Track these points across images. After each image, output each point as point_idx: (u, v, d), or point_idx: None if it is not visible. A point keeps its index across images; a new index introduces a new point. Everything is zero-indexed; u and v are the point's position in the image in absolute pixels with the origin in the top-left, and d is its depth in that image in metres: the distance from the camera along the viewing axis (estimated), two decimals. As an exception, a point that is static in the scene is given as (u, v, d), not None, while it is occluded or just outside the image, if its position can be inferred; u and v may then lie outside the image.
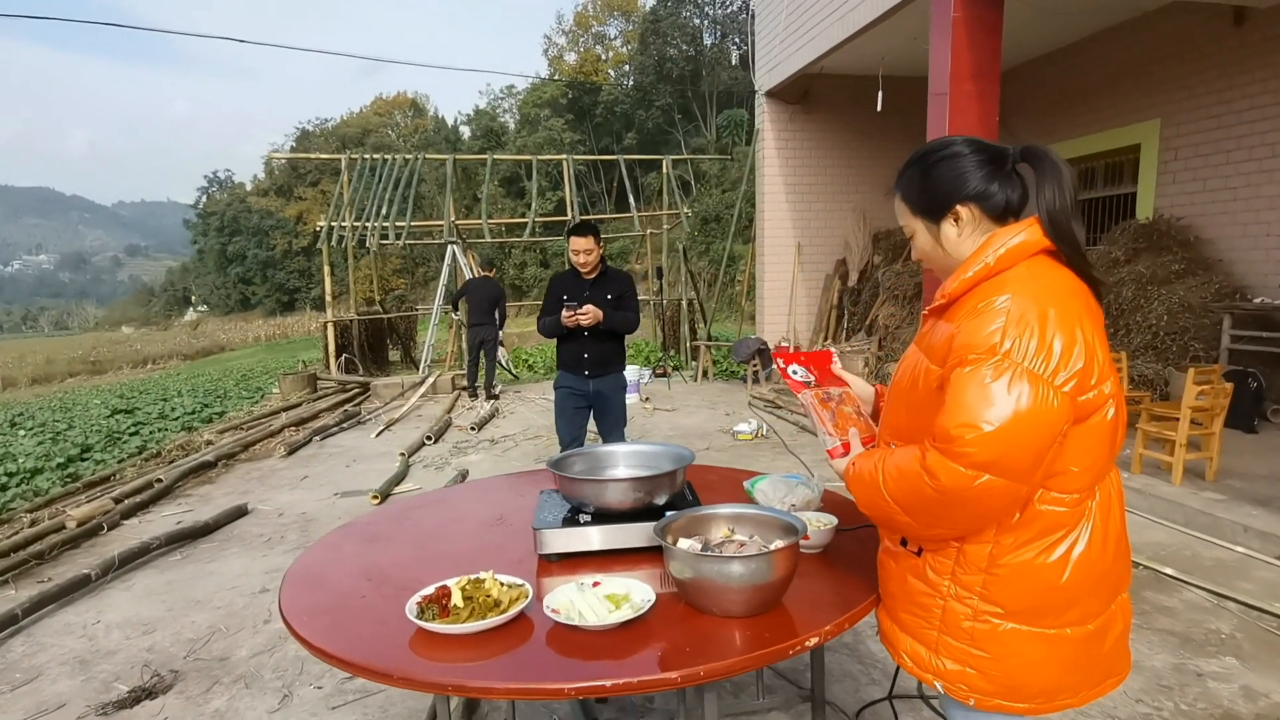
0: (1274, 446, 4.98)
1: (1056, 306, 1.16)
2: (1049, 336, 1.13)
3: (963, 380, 1.15)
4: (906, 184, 1.37)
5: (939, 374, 1.23)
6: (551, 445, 6.66)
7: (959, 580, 1.27)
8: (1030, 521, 1.22)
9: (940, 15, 5.31)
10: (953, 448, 1.13)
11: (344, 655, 1.37)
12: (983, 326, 1.16)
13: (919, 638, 1.33)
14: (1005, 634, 1.24)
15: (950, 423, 1.13)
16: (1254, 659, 2.62)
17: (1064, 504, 1.21)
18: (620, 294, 3.99)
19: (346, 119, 48.01)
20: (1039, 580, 1.22)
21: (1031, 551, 1.22)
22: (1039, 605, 1.23)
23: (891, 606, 1.41)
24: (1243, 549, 3.50)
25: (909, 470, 1.20)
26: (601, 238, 3.99)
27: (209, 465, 6.20)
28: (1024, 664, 1.24)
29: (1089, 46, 7.92)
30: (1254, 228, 6.35)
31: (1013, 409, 1.10)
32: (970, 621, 1.26)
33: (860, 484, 1.32)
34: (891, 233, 9.54)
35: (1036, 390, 1.11)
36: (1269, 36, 6.07)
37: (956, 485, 1.13)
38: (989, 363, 1.13)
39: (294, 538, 4.44)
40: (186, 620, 3.34)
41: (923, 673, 1.33)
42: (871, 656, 2.76)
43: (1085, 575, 1.23)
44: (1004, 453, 1.11)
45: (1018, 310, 1.15)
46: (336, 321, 12.01)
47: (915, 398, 1.30)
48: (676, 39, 32.78)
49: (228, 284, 51.21)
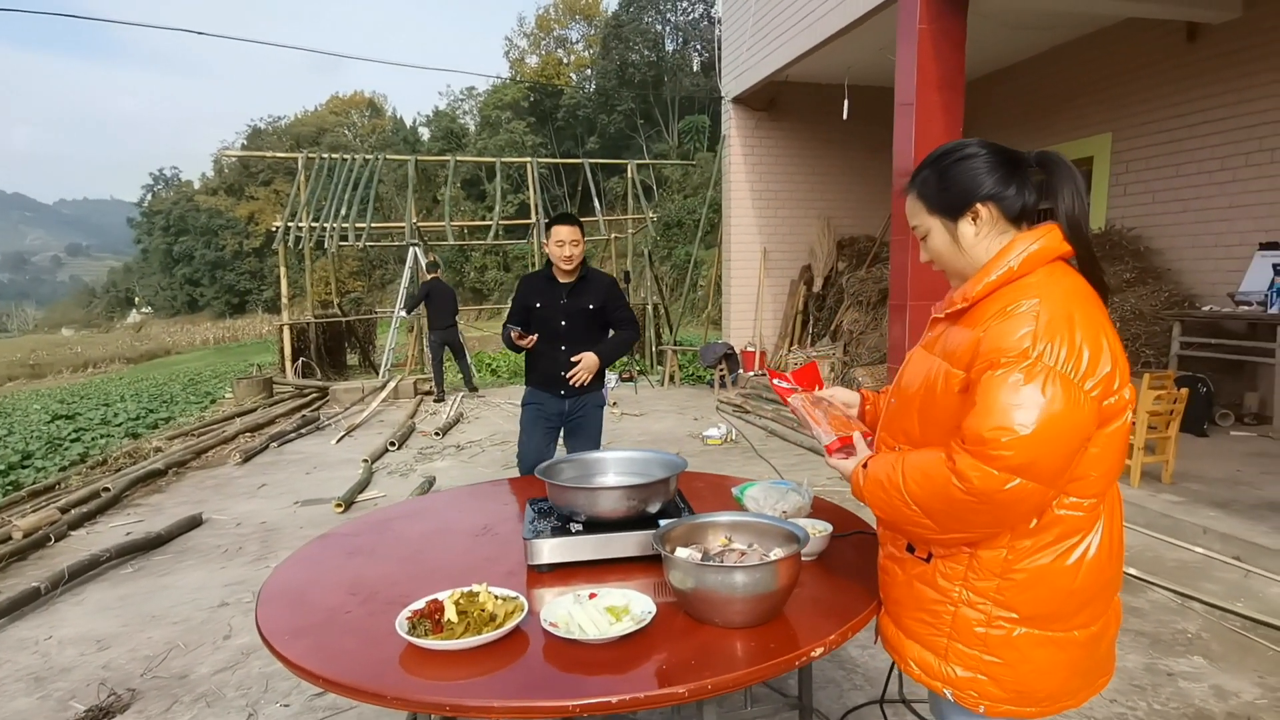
0: (1225, 450, 5.17)
1: (1081, 312, 1.17)
2: (1078, 341, 1.13)
3: (994, 383, 1.14)
4: (923, 183, 1.36)
5: (963, 378, 1.22)
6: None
7: (972, 586, 1.26)
8: (1048, 526, 1.22)
9: (907, 26, 5.41)
10: (986, 450, 1.11)
11: (332, 676, 1.30)
12: (1012, 330, 1.16)
13: (927, 645, 1.32)
14: (1019, 639, 1.24)
15: (983, 426, 1.12)
16: (1223, 659, 2.69)
17: (1081, 508, 1.22)
18: (603, 303, 3.39)
19: (301, 117, 46.99)
20: (1056, 584, 1.22)
21: (1049, 556, 1.22)
22: (1054, 610, 1.23)
23: (897, 613, 1.39)
24: (1203, 550, 3.61)
25: (934, 473, 1.19)
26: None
27: (159, 473, 5.95)
28: (1036, 669, 1.25)
29: (1047, 61, 8.16)
30: (1203, 238, 6.60)
31: (1047, 413, 1.10)
32: (983, 628, 1.25)
33: (876, 486, 1.29)
34: (855, 239, 9.67)
35: (1069, 394, 1.11)
36: (1221, 52, 6.32)
37: (988, 488, 1.12)
38: (1021, 366, 1.12)
39: (254, 549, 4.28)
40: (142, 636, 3.18)
41: (931, 680, 1.31)
42: (853, 662, 2.76)
43: (1095, 578, 1.24)
44: (1038, 456, 1.10)
45: (1047, 315, 1.15)
46: (293, 324, 11.68)
47: (931, 402, 1.28)
48: (638, 44, 32.88)
49: (174, 285, 49.57)
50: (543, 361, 3.42)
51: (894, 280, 5.52)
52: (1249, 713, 2.36)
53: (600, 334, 3.47)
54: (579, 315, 3.36)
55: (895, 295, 5.49)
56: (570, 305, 3.35)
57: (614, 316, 3.47)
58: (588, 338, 3.37)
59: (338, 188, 11.89)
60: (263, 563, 4.05)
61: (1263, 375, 5.95)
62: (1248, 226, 6.22)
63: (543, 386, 3.45)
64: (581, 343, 3.34)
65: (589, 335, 3.40)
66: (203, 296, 47.63)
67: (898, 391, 1.42)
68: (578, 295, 3.37)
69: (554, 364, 3.38)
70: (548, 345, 3.36)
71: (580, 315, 3.36)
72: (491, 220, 13.47)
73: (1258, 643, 2.79)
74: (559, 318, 3.36)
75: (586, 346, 3.33)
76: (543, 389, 3.45)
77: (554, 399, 3.42)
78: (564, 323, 3.36)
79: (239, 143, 45.13)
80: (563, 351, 3.36)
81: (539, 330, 3.36)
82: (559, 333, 3.37)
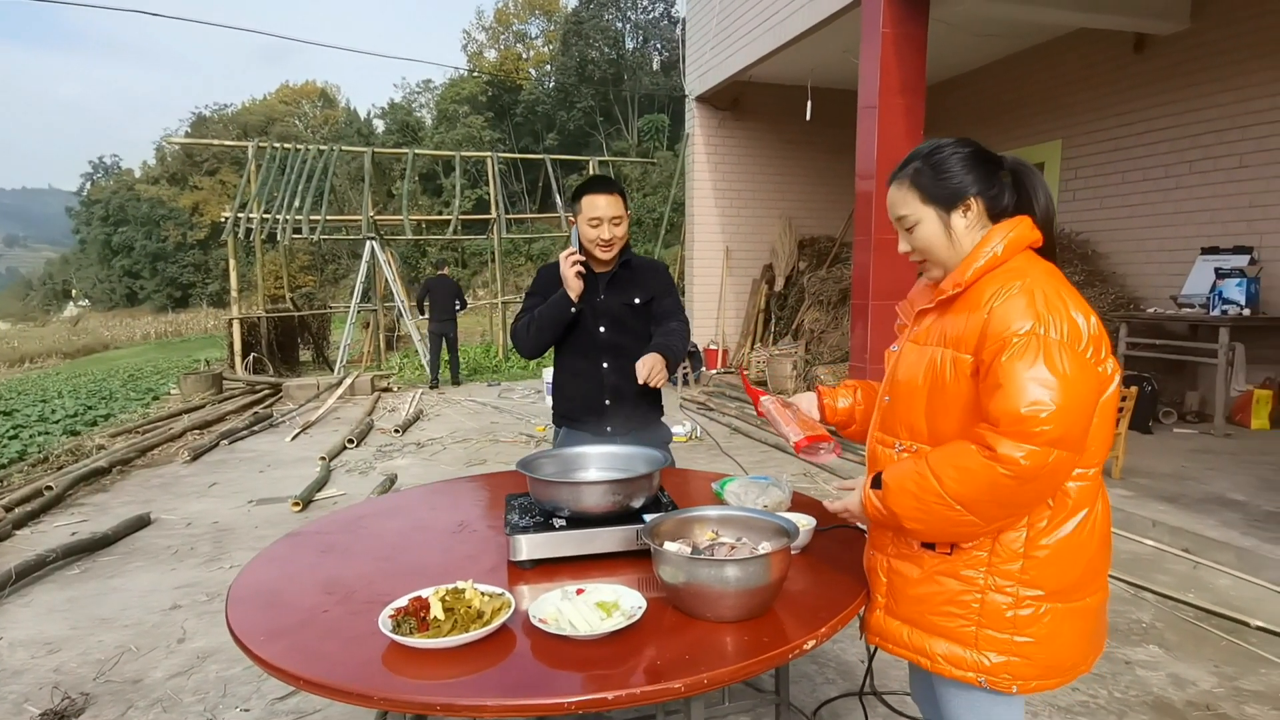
0: (1170, 446, 5.38)
1: (1067, 291, 1.25)
2: (1074, 316, 1.21)
3: (1013, 364, 1.17)
4: (917, 174, 1.39)
5: (971, 362, 1.26)
6: (482, 448, 6.48)
7: (996, 570, 1.28)
8: (1062, 499, 1.27)
9: (870, 29, 5.49)
10: (1027, 428, 1.14)
11: (314, 678, 1.25)
12: (1016, 311, 1.21)
13: (956, 638, 1.32)
14: (1046, 615, 1.28)
15: (1018, 405, 1.15)
16: (1178, 648, 2.79)
17: (1086, 479, 1.28)
18: (651, 296, 2.44)
19: (249, 106, 45.57)
20: (1077, 555, 1.28)
21: (1069, 528, 1.27)
22: (1074, 581, 1.28)
23: (918, 612, 1.37)
24: (1153, 543, 3.75)
25: (972, 465, 1.19)
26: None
27: (103, 471, 5.70)
28: (1064, 642, 1.29)
29: (1001, 69, 8.39)
30: (1148, 243, 6.87)
31: (1068, 383, 1.15)
32: (1012, 610, 1.28)
33: (906, 497, 1.27)
34: (816, 240, 9.80)
35: (1079, 363, 1.17)
36: (1167, 64, 6.58)
37: (1036, 464, 1.14)
38: (1034, 344, 1.17)
39: (207, 549, 4.13)
40: (93, 639, 3.04)
41: (963, 673, 1.32)
42: (825, 656, 2.79)
43: (1102, 545, 1.31)
44: (1071, 425, 1.15)
45: (1041, 293, 1.22)
46: (244, 318, 11.33)
47: (940, 391, 1.31)
48: (598, 41, 32.79)
49: (112, 277, 47.54)
50: (575, 384, 2.45)
51: (856, 280, 5.61)
52: (1207, 701, 2.45)
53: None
54: (623, 316, 2.40)
55: (858, 295, 5.58)
56: (610, 303, 2.40)
57: (660, 309, 2.46)
58: (638, 349, 2.30)
59: (290, 179, 11.56)
60: (216, 564, 3.91)
61: (1203, 375, 6.22)
62: (1190, 232, 6.50)
63: (578, 422, 2.45)
64: (630, 355, 2.29)
65: (639, 346, 2.34)
66: (143, 289, 45.77)
67: (892, 389, 1.43)
68: (620, 288, 2.41)
69: (593, 388, 2.40)
70: (582, 361, 2.42)
71: (625, 316, 2.41)
72: (449, 215, 13.27)
73: (1211, 632, 2.90)
74: (595, 321, 2.38)
75: (635, 360, 2.27)
76: (579, 426, 2.44)
77: (596, 439, 2.33)
78: (603, 329, 2.39)
79: (183, 130, 43.48)
80: (604, 370, 2.38)
81: (567, 338, 2.42)
82: (596, 343, 2.39)
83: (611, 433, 2.38)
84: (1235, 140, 6.13)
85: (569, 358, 2.46)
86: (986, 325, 1.23)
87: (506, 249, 18.26)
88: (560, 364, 2.51)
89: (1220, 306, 5.73)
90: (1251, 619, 2.93)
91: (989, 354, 1.21)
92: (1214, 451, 5.22)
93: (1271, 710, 2.38)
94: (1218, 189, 6.28)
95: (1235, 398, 5.86)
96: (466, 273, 29.73)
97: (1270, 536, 3.53)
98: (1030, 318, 1.19)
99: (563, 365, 2.50)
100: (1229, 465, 4.83)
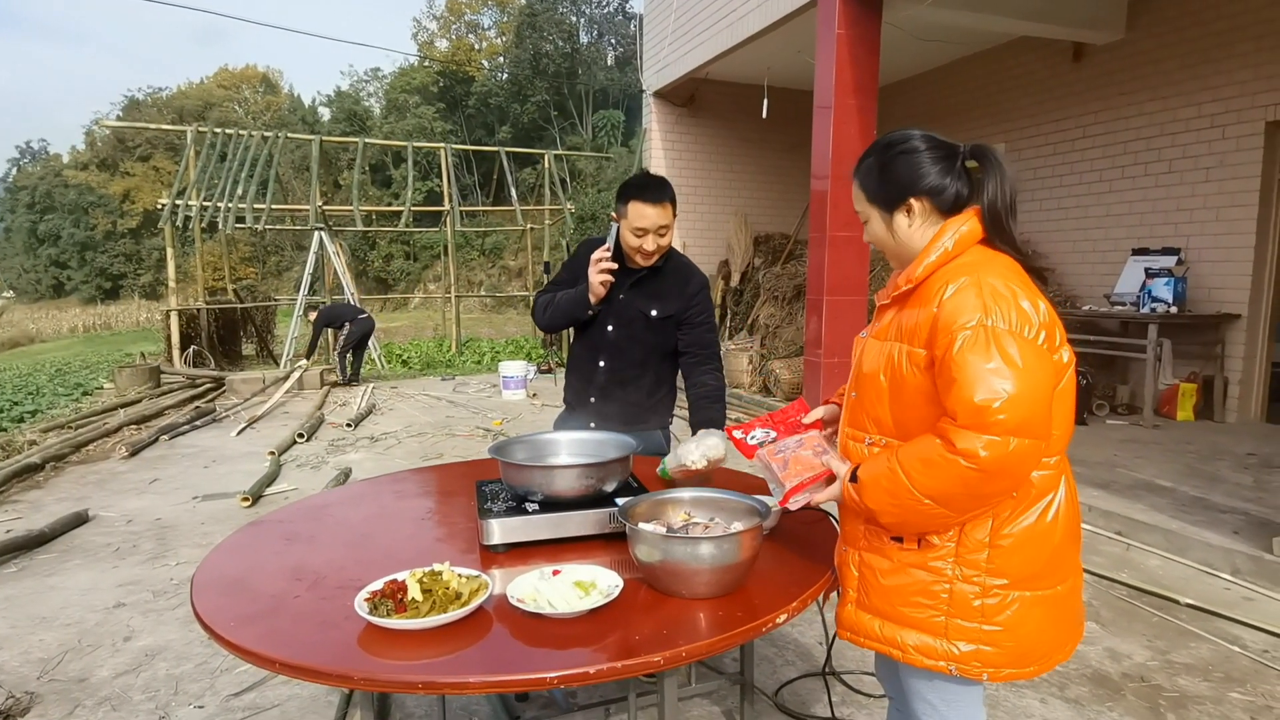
0: (1104, 437, 5.65)
1: (1018, 282, 1.27)
2: (1023, 305, 1.23)
3: (964, 357, 1.19)
4: (865, 173, 1.43)
5: (925, 355, 1.28)
6: (438, 442, 6.40)
7: (963, 560, 1.30)
8: (1025, 488, 1.29)
9: (825, 31, 5.61)
10: (984, 418, 1.15)
11: (291, 660, 1.24)
12: (963, 304, 1.23)
13: (926, 628, 1.33)
14: (1014, 603, 1.29)
15: (972, 397, 1.16)
16: (1112, 624, 2.95)
17: (1049, 467, 1.31)
18: (673, 312, 2.33)
19: (185, 89, 43.73)
20: (1041, 543, 1.30)
21: (1031, 517, 1.29)
22: (1039, 569, 1.30)
23: (889, 604, 1.38)
24: (1089, 527, 3.94)
25: (937, 461, 1.20)
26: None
27: (35, 468, 5.45)
28: (1033, 630, 1.31)
29: (947, 73, 8.65)
30: (1083, 244, 7.19)
31: (1021, 370, 1.17)
32: (980, 599, 1.30)
33: (881, 493, 1.28)
34: (771, 236, 9.95)
35: (1030, 350, 1.19)
36: (1104, 72, 6.89)
37: (996, 455, 1.15)
38: (982, 335, 1.19)
39: (149, 547, 3.99)
40: (33, 639, 2.91)
41: (934, 662, 1.33)
42: (785, 639, 2.85)
43: (1068, 532, 1.33)
44: (1029, 411, 1.16)
45: (989, 286, 1.24)
46: (182, 310, 10.92)
47: (900, 384, 1.33)
48: (553, 35, 32.51)
49: (38, 267, 45.09)
50: (574, 372, 2.49)
51: (811, 276, 5.72)
52: (1141, 673, 2.60)
53: (656, 356, 2.39)
54: (634, 322, 2.33)
55: (812, 291, 5.69)
56: (628, 305, 2.33)
57: (690, 335, 2.35)
58: (638, 358, 2.34)
59: (232, 166, 11.18)
60: (160, 561, 3.78)
61: (1134, 369, 6.55)
62: (1121, 233, 6.82)
63: (572, 409, 2.50)
64: (627, 361, 2.35)
65: (641, 354, 2.35)
66: (70, 280, 43.55)
67: (858, 384, 1.45)
68: (643, 294, 2.33)
69: (585, 382, 2.42)
70: (585, 352, 2.43)
71: (636, 322, 2.33)
72: (400, 207, 13.02)
73: (1142, 609, 3.07)
74: (606, 318, 2.35)
75: (631, 368, 2.36)
76: (572, 412, 2.50)
77: (582, 429, 2.31)
78: (610, 328, 2.35)
79: (114, 114, 41.46)
80: (600, 368, 2.38)
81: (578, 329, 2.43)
82: (603, 340, 2.37)
83: (596, 429, 2.33)
84: (1164, 147, 6.46)
85: (577, 344, 2.49)
86: (936, 319, 1.25)
87: (459, 242, 17.99)
88: (572, 346, 2.53)
89: (1149, 304, 6.03)
90: (1181, 596, 3.11)
91: (940, 348, 1.24)
92: (1143, 441, 5.50)
93: (1201, 681, 2.54)
94: (1147, 193, 6.61)
95: (1163, 391, 6.18)
96: (417, 266, 29.19)
97: (1196, 520, 3.75)
98: (978, 310, 1.21)
99: (573, 349, 2.52)
100: (1156, 454, 5.11)
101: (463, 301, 13.28)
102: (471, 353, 13.10)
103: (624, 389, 2.36)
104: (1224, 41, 5.98)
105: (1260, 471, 4.63)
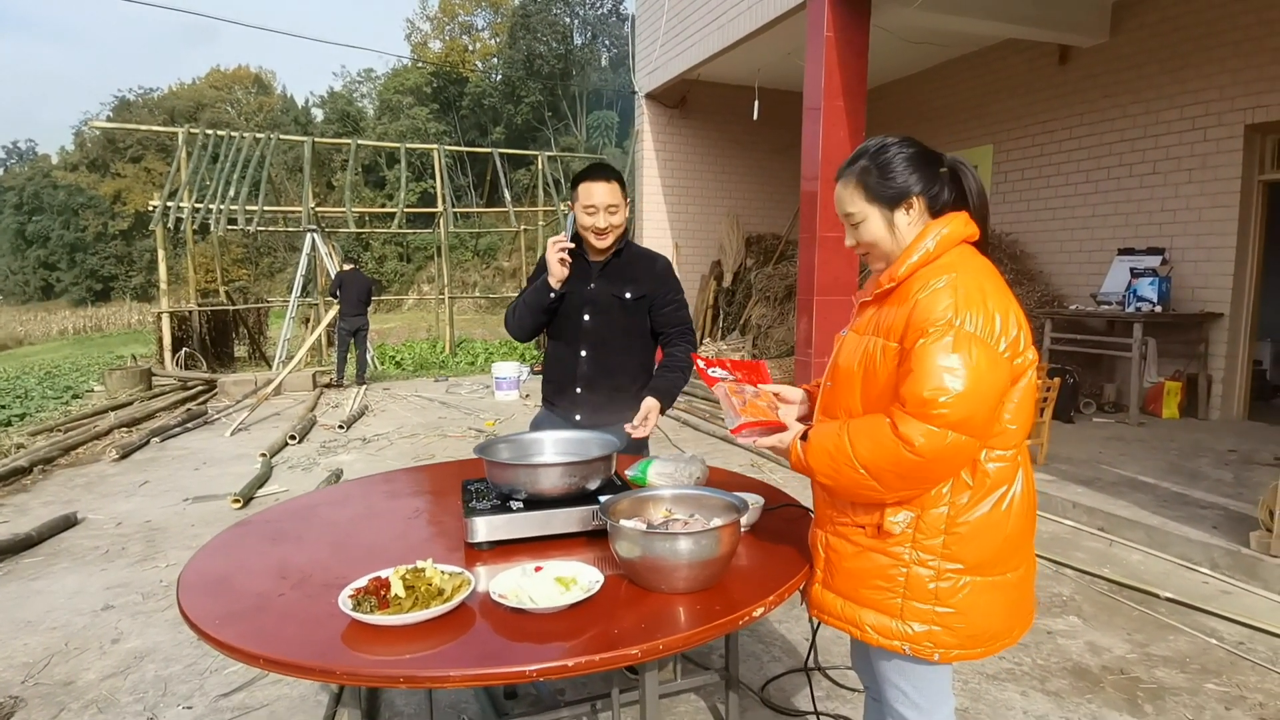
0: (1089, 435, 5.71)
1: (990, 285, 1.33)
2: (991, 310, 1.29)
3: (926, 351, 1.26)
4: (864, 173, 1.45)
5: (898, 349, 1.34)
6: (430, 443, 6.41)
7: (920, 545, 1.36)
8: (981, 479, 1.35)
9: (815, 33, 5.65)
10: (928, 410, 1.24)
11: (275, 656, 1.26)
12: (936, 304, 1.29)
13: (883, 609, 1.40)
14: (965, 587, 1.36)
15: (922, 388, 1.24)
16: (1093, 619, 2.99)
17: (1005, 460, 1.36)
18: (645, 293, 2.42)
19: (176, 90, 43.54)
20: (994, 532, 1.36)
21: (986, 506, 1.35)
22: (992, 556, 1.36)
23: (850, 586, 1.45)
24: (1071, 523, 3.99)
25: (881, 438, 1.29)
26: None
27: (23, 471, 5.44)
28: (982, 613, 1.37)
29: (935, 76, 8.71)
30: (1069, 244, 7.25)
31: (973, 373, 1.24)
32: (934, 582, 1.36)
33: (824, 455, 1.37)
34: (762, 237, 10.00)
35: (988, 356, 1.26)
36: (1089, 75, 6.96)
37: (933, 445, 1.24)
38: (947, 335, 1.26)
39: (138, 549, 3.99)
40: (17, 643, 2.91)
41: (889, 641, 1.40)
42: (771, 636, 2.88)
43: (1021, 523, 1.39)
44: (971, 411, 1.24)
45: (964, 289, 1.30)
46: (174, 312, 10.89)
47: (873, 376, 1.39)
48: (546, 36, 32.55)
49: (26, 269, 44.78)
50: (554, 369, 2.52)
51: (802, 277, 5.76)
52: (1121, 666, 2.64)
53: (638, 341, 2.48)
54: (610, 307, 2.41)
55: (803, 291, 5.73)
56: (600, 292, 2.41)
57: (661, 315, 2.46)
58: (619, 343, 2.43)
59: (225, 167, 11.16)
60: (149, 563, 3.78)
61: (1120, 368, 6.61)
62: (1107, 234, 6.89)
63: (553, 406, 2.53)
64: (608, 348, 2.43)
65: (622, 339, 2.44)
66: (60, 282, 43.26)
67: (834, 374, 1.51)
68: (611, 279, 2.42)
69: (568, 375, 2.45)
70: (564, 347, 2.47)
71: (612, 307, 2.41)
72: (394, 208, 13.02)
73: (1123, 603, 3.11)
74: (580, 309, 2.41)
75: (614, 354, 2.43)
76: (553, 410, 2.53)
77: (566, 424, 2.43)
78: (587, 317, 2.41)
79: (104, 115, 41.26)
80: (581, 358, 2.43)
81: (554, 322, 2.46)
82: (579, 328, 2.43)
83: (580, 421, 2.42)
84: (1148, 149, 6.53)
85: (553, 341, 2.52)
86: (911, 315, 1.32)
87: (453, 244, 17.99)
88: (548, 346, 2.56)
89: (1135, 304, 6.10)
90: (1161, 591, 3.16)
91: (910, 341, 1.31)
92: (1127, 439, 5.56)
93: (1179, 673, 2.58)
94: (1132, 194, 6.68)
95: (1148, 389, 6.25)
96: (411, 267, 29.18)
97: (1177, 516, 3.80)
98: (949, 310, 1.27)
99: (549, 348, 2.55)
100: (1140, 451, 5.16)
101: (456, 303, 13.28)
102: (465, 354, 13.10)
103: (610, 376, 2.43)
104: (1204, 46, 6.06)
105: (1240, 468, 4.69)
